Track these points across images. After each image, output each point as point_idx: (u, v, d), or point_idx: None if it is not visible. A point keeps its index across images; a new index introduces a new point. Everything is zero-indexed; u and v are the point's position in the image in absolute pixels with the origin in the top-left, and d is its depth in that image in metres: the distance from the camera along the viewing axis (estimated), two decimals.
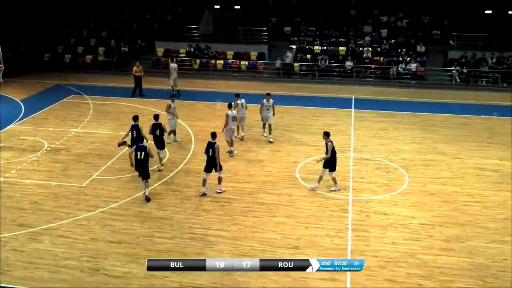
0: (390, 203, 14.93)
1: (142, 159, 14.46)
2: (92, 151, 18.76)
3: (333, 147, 15.18)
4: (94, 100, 25.17)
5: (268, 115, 19.12)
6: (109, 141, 19.69)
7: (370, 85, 28.72)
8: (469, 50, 29.43)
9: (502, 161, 17.96)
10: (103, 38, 33.63)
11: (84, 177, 16.49)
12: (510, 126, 21.69)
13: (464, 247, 12.67)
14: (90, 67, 31.58)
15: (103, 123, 21.95)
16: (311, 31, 32.34)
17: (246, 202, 14.91)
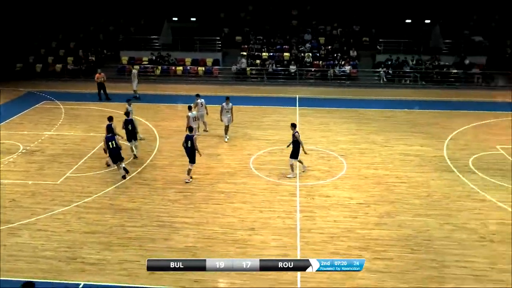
0: (332, 186, 15.20)
1: (114, 147, 14.95)
2: (65, 151, 18.13)
3: (299, 137, 15.46)
4: (65, 105, 24.28)
5: (228, 117, 18.85)
6: (80, 142, 19.11)
7: (311, 86, 29.05)
8: (393, 54, 30.18)
9: (422, 147, 18.60)
10: (71, 49, 32.46)
11: (58, 175, 15.94)
12: (428, 117, 22.61)
13: (394, 221, 13.07)
14: (60, 75, 30.41)
15: (74, 125, 21.24)
16: (259, 40, 32.41)
17: (207, 191, 14.85)
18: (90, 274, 10.78)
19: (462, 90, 27.80)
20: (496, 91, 27.62)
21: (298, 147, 15.46)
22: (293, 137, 15.51)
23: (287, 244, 11.91)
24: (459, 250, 11.74)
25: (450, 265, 11.12)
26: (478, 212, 13.60)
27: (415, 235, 12.41)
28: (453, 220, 13.13)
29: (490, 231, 12.57)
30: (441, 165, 16.93)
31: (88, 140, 19.14)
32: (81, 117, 22.49)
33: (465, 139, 19.56)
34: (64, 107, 23.98)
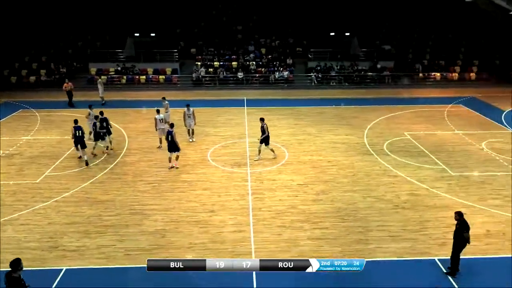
0: (277, 172, 15.35)
1: (80, 135, 15.65)
2: (42, 153, 17.10)
3: (267, 128, 15.80)
4: (40, 113, 22.85)
5: (190, 122, 18.18)
6: (56, 144, 18.09)
7: (256, 89, 29.13)
8: (321, 61, 30.77)
9: (347, 136, 19.12)
10: (44, 62, 30.50)
11: (37, 175, 15.03)
12: (351, 112, 23.36)
13: (328, 197, 13.38)
14: (34, 86, 28.52)
15: (50, 130, 20.07)
16: (211, 51, 32.05)
17: (172, 181, 14.57)
18: (71, 259, 10.31)
19: (376, 89, 28.82)
20: (402, 89, 28.84)
21: (267, 137, 15.87)
22: (261, 128, 15.83)
23: (242, 222, 11.96)
24: (379, 217, 12.21)
25: (372, 229, 11.55)
26: (392, 186, 14.16)
27: (344, 207, 12.77)
28: (374, 193, 13.61)
29: (402, 200, 13.18)
30: (363, 149, 17.46)
31: (63, 143, 18.17)
32: (56, 122, 21.29)
33: (380, 128, 20.28)
34: (40, 114, 22.58)
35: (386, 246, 10.79)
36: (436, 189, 13.90)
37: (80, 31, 32.89)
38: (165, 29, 32.48)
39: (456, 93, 27.27)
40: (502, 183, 14.28)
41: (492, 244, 10.90)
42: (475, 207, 12.74)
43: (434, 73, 30.40)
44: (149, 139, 18.68)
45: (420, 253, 10.51)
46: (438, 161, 16.15)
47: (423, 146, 17.78)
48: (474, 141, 18.35)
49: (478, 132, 19.68)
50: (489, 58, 31.48)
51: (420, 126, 20.58)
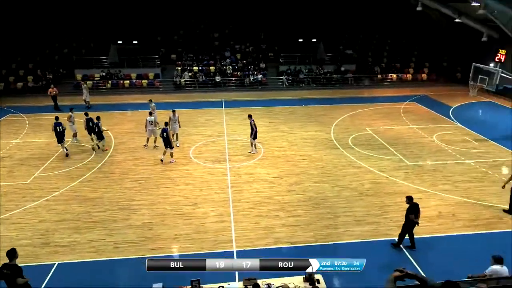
0: (253, 166, 15.35)
1: (61, 131, 16.00)
2: (31, 155, 16.45)
3: (255, 124, 16.14)
4: (29, 117, 21.95)
5: (175, 126, 17.44)
6: (45, 146, 17.44)
7: (233, 91, 28.97)
8: (291, 65, 30.91)
9: (316, 132, 19.31)
10: (30, 69, 29.23)
11: (27, 176, 14.46)
12: (319, 110, 23.61)
13: (300, 188, 13.50)
14: (22, 92, 27.25)
15: (38, 133, 19.31)
16: (190, 57, 31.60)
17: (157, 178, 14.33)
18: (63, 254, 10.00)
19: (341, 90, 29.15)
20: (363, 89, 29.42)
21: (256, 132, 16.09)
22: (250, 124, 16.07)
23: (223, 213, 11.92)
24: (346, 204, 12.44)
25: (340, 215, 11.76)
26: (357, 175, 14.42)
27: (315, 196, 12.92)
28: (340, 183, 13.83)
29: (365, 188, 13.45)
30: (330, 144, 17.68)
31: (52, 144, 17.49)
32: (44, 126, 20.44)
33: (345, 125, 20.55)
34: (28, 119, 21.69)
35: (353, 230, 11.00)
36: (394, 177, 14.28)
37: (66, 39, 31.74)
38: (146, 36, 31.82)
39: (410, 92, 28.05)
40: (451, 171, 14.82)
41: (443, 224, 11.31)
42: (429, 192, 13.18)
43: (391, 74, 31.10)
44: (135, 139, 18.32)
45: (382, 234, 10.78)
46: (396, 153, 16.58)
47: (382, 139, 18.20)
48: (426, 134, 18.95)
49: (429, 126, 20.33)
50: (438, 60, 32.52)
51: (379, 122, 21.05)
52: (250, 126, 16.32)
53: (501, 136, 18.51)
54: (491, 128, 19.74)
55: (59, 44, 31.49)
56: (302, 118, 21.85)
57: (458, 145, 17.37)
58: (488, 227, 11.11)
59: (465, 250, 10.06)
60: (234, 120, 21.58)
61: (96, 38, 31.66)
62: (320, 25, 33.57)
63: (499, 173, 14.67)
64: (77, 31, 32.02)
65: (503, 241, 10.38)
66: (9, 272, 7.31)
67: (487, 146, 17.40)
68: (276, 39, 33.14)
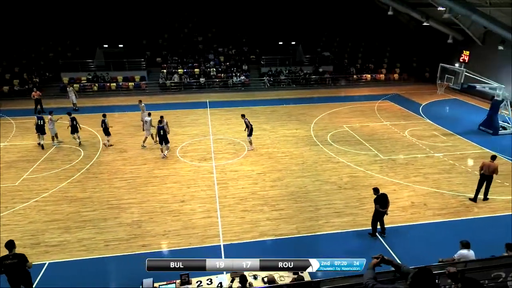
0: (238, 164, 15.30)
1: (42, 124, 16.69)
2: (20, 158, 15.91)
3: (249, 121, 16.39)
4: (16, 120, 21.19)
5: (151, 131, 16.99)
6: (33, 148, 16.91)
7: (217, 92, 28.78)
8: (273, 66, 30.93)
9: (297, 130, 19.38)
10: (16, 72, 28.22)
11: (16, 178, 13.97)
12: (299, 109, 23.71)
13: (283, 183, 13.54)
14: (8, 96, 26.27)
15: (26, 136, 18.69)
16: (175, 59, 31.21)
17: (145, 177, 14.11)
18: (53, 254, 9.74)
19: (319, 89, 29.38)
20: (340, 89, 29.71)
21: (251, 129, 16.37)
22: (245, 123, 16.42)
23: (210, 209, 11.86)
24: (326, 197, 12.57)
25: (321, 208, 11.88)
26: (335, 170, 14.58)
27: (297, 190, 13.00)
28: (321, 178, 13.95)
29: (344, 182, 13.63)
30: (310, 141, 17.79)
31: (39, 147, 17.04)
32: (31, 128, 19.64)
33: (324, 122, 20.72)
34: (15, 122, 20.94)
35: (333, 221, 11.13)
36: (370, 171, 14.53)
37: (51, 43, 30.80)
38: (132, 40, 31.22)
39: (383, 91, 28.58)
40: (422, 163, 15.20)
41: (415, 213, 11.60)
42: (402, 184, 13.48)
43: (365, 74, 31.56)
44: (122, 140, 18.00)
45: (360, 225, 10.96)
46: (371, 148, 16.86)
47: (358, 136, 18.48)
48: (398, 130, 19.35)
49: (401, 122, 20.77)
50: (408, 61, 33.23)
51: (355, 119, 21.35)
52: (245, 125, 16.56)
53: (466, 131, 19.11)
54: (457, 123, 20.35)
55: (45, 48, 30.55)
56: (283, 117, 21.89)
57: (428, 140, 17.82)
58: (456, 215, 11.46)
59: (435, 237, 10.35)
60: (218, 120, 21.46)
61: (82, 42, 30.84)
62: (298, 29, 33.77)
63: (465, 164, 15.15)
64: (63, 35, 31.11)
65: (469, 228, 10.76)
66: (16, 261, 7.41)
67: (454, 140, 17.92)
68: (258, 42, 33.12)
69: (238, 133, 18.88)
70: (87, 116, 21.83)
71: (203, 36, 33.53)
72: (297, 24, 34.15)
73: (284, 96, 27.35)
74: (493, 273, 5.81)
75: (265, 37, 32.99)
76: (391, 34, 34.78)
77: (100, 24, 31.49)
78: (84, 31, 31.11)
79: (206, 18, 34.48)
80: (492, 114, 18.91)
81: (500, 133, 18.70)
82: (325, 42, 34.25)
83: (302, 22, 34.50)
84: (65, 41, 30.96)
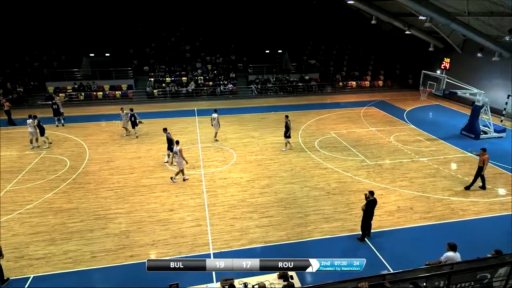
0: (227, 171, 15.24)
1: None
2: (3, 169, 15.45)
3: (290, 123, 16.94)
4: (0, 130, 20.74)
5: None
6: (17, 159, 16.48)
7: (205, 100, 28.80)
8: (260, 74, 31.18)
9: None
10: (0, 82, 27.65)
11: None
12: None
13: (272, 190, 13.53)
14: None
15: (10, 146, 18.22)
16: (162, 68, 31.10)
17: (133, 186, 13.90)
18: (38, 267, 9.45)
19: (306, 96, 29.69)
20: (326, 96, 30.10)
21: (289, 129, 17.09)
22: (285, 124, 16.99)
23: (199, 217, 11.74)
24: (315, 203, 12.60)
25: (310, 214, 11.89)
26: (323, 176, 14.66)
27: (286, 197, 13.00)
28: (309, 184, 14.00)
29: (332, 187, 13.71)
30: (298, 148, 17.87)
31: (24, 157, 16.64)
32: (16, 139, 19.38)
33: (311, 129, 20.88)
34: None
35: (322, 227, 11.15)
36: (358, 176, 14.65)
37: (36, 53, 30.28)
38: (119, 49, 31.00)
39: (368, 97, 29.03)
40: (407, 168, 15.43)
41: (402, 217, 11.73)
42: (389, 188, 13.63)
43: (351, 82, 32.05)
44: (109, 150, 17.72)
45: (349, 230, 11.00)
46: (358, 153, 17.04)
47: (345, 142, 18.66)
48: (384, 136, 19.63)
49: (387, 128, 21.09)
50: (392, 69, 33.93)
51: (342, 125, 21.58)
52: (285, 126, 17.00)
53: (448, 135, 19.53)
54: (440, 129, 20.79)
55: (30, 57, 30.01)
56: (272, 124, 21.96)
57: (413, 145, 18.12)
58: (442, 218, 11.63)
59: (422, 240, 10.47)
60: (207, 128, 21.38)
61: (68, 51, 30.44)
62: (285, 37, 34.14)
63: (449, 168, 15.44)
64: (48, 44, 30.65)
65: (455, 230, 10.92)
66: None
67: (437, 144, 18.28)
68: (245, 50, 33.32)
69: (226, 141, 18.84)
70: (72, 126, 21.48)
71: (190, 45, 33.54)
72: (283, 33, 34.53)
73: (271, 103, 27.45)
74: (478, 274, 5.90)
75: (252, 46, 33.22)
76: (374, 42, 35.52)
77: (86, 33, 31.19)
78: (70, 40, 30.75)
79: (193, 27, 34.56)
80: (473, 119, 19.40)
81: (481, 137, 19.17)
82: (311, 50, 34.68)
83: (288, 31, 34.91)
84: (50, 50, 30.50)
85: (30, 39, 30.42)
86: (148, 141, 18.92)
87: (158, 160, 16.33)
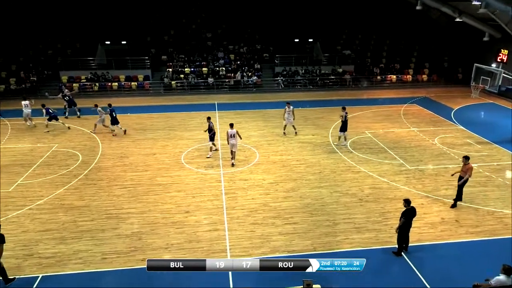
0: (248, 172, 15.32)
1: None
2: (14, 162, 16.26)
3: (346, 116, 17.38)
4: (11, 121, 21.75)
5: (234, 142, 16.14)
6: (28, 152, 17.28)
7: (226, 93, 29.04)
8: (287, 66, 31.15)
9: (314, 136, 19.41)
10: (13, 71, 29.09)
11: (9, 184, 14.26)
12: (316, 113, 23.67)
13: (297, 194, 13.49)
14: (3, 95, 27.04)
15: (21, 138, 19.14)
16: (181, 58, 31.65)
17: (147, 185, 14.23)
18: (47, 266, 9.87)
19: (338, 91, 29.36)
20: (361, 91, 29.67)
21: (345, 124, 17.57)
22: (343, 118, 17.50)
23: (217, 221, 11.86)
24: (345, 210, 12.45)
25: (339, 222, 11.76)
26: (356, 181, 14.46)
27: (313, 202, 12.91)
28: (339, 189, 13.85)
29: (365, 194, 13.50)
30: (328, 148, 17.76)
31: (36, 150, 17.42)
32: (27, 130, 20.35)
33: None
34: (10, 123, 21.49)
35: (352, 238, 10.99)
36: (395, 182, 14.34)
37: (50, 40, 31.62)
38: (136, 37, 31.83)
39: (410, 93, 28.31)
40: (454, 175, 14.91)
41: (446, 230, 11.36)
42: (431, 197, 13.25)
43: (390, 75, 31.38)
44: (123, 144, 18.24)
45: (383, 242, 10.78)
46: (396, 156, 16.67)
47: (382, 143, 18.30)
48: (427, 137, 19.09)
49: (430, 128, 20.50)
50: (438, 61, 32.89)
51: (379, 124, 21.18)
52: (341, 120, 17.50)
53: (504, 139, 18.71)
54: (494, 131, 19.96)
55: (43, 45, 31.36)
56: (299, 121, 21.80)
57: (460, 148, 17.52)
58: (493, 234, 11.18)
59: (468, 257, 10.10)
60: (227, 123, 21.45)
61: (82, 39, 31.58)
62: (316, 25, 33.83)
63: (503, 177, 14.81)
64: (63, 31, 31.94)
65: (506, 249, 10.45)
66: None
67: (490, 149, 17.56)
68: (271, 39, 33.31)
69: (248, 138, 18.94)
70: (86, 118, 22.26)
71: (212, 33, 33.92)
72: (314, 20, 34.23)
73: (299, 98, 27.33)
74: None
75: (279, 34, 33.16)
76: (419, 31, 34.49)
77: (102, 20, 32.21)
78: (85, 27, 31.88)
79: (216, 13, 34.91)
80: None
81: None
82: (346, 39, 34.20)
83: (321, 18, 34.56)
84: (64, 38, 31.75)
85: (44, 25, 31.78)
86: (164, 136, 19.31)
87: (175, 157, 16.64)
